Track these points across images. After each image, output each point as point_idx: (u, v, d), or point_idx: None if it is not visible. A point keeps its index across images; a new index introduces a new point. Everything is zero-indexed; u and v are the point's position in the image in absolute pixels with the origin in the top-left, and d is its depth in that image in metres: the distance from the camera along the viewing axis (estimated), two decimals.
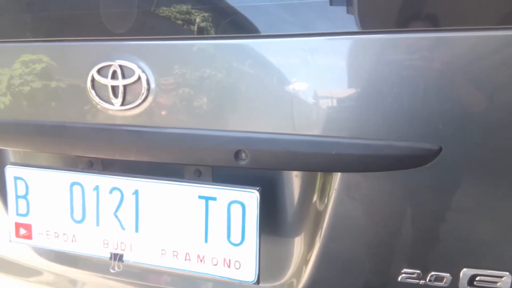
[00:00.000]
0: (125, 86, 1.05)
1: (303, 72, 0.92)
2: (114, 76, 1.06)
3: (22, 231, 1.23)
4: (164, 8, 1.04)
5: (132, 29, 1.05)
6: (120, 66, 1.04)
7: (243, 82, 0.96)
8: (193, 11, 1.01)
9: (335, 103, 0.90)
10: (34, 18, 1.20)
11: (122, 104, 1.06)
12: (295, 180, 1.05)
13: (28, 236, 1.23)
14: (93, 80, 1.08)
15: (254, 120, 0.96)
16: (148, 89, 1.03)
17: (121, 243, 1.10)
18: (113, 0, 1.07)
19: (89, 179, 1.12)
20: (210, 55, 1.00)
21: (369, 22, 0.90)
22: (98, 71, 1.07)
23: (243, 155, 0.97)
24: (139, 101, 1.04)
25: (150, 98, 1.04)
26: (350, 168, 0.90)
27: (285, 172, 1.05)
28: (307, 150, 0.91)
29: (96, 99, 1.08)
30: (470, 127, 0.85)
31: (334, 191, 0.94)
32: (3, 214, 1.33)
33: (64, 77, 1.13)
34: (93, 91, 1.08)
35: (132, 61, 1.04)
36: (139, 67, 1.03)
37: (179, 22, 1.02)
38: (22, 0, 1.20)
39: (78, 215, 1.15)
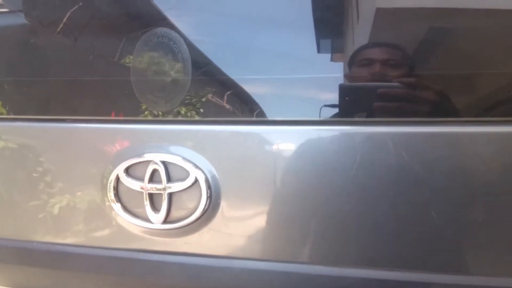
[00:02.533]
0: (171, 194, 0.67)
1: None
2: (153, 178, 0.68)
3: None
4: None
5: (186, 108, 0.68)
6: (164, 163, 0.67)
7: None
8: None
9: None
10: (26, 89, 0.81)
11: (166, 220, 0.67)
12: None
13: None
14: (117, 183, 0.69)
15: None
16: (210, 199, 0.65)
17: None
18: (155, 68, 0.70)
19: None
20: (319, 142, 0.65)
21: None
22: (127, 170, 0.69)
23: None
24: (195, 216, 0.66)
25: (213, 213, 0.66)
26: None
27: None
28: None
29: (122, 213, 0.69)
30: None
31: None
32: None
33: (70, 177, 0.73)
34: (116, 202, 0.69)
35: (183, 156, 0.66)
36: (195, 165, 0.66)
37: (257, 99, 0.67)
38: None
39: None
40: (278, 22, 0.77)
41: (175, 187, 0.67)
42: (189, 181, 0.66)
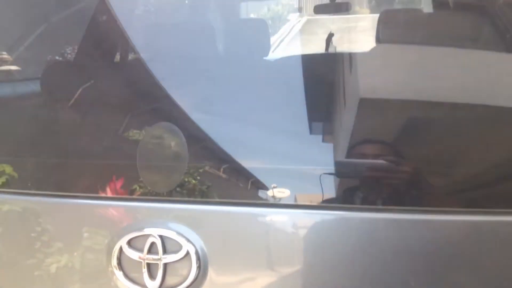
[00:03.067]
0: (166, 264, 0.78)
1: None
2: (151, 249, 0.79)
3: None
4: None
5: (181, 189, 0.81)
6: (161, 237, 0.78)
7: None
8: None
9: None
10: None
11: (161, 287, 0.78)
12: None
13: None
14: (120, 253, 0.80)
15: None
16: (199, 269, 0.77)
17: None
18: (154, 153, 0.84)
19: None
20: (292, 226, 0.77)
21: None
22: (129, 242, 0.80)
23: None
24: (186, 284, 0.77)
25: (202, 281, 0.77)
26: None
27: None
28: None
29: (123, 279, 0.80)
30: None
31: None
32: None
33: (78, 249, 0.85)
34: (119, 269, 0.80)
35: (177, 231, 0.78)
36: (188, 239, 0.77)
37: (243, 182, 0.80)
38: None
39: None
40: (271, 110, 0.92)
41: (170, 258, 0.78)
42: (181, 253, 0.77)
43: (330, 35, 2.31)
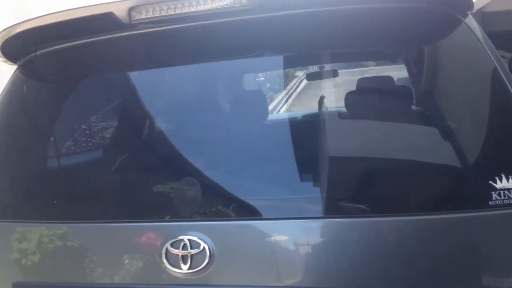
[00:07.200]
0: (192, 255, 1.41)
1: None
2: (184, 247, 1.42)
3: None
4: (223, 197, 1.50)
5: (199, 212, 1.47)
6: (189, 240, 1.42)
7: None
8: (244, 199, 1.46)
9: None
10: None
11: (189, 267, 1.41)
12: None
13: None
14: (166, 250, 1.44)
15: None
16: (210, 257, 1.40)
17: None
18: (183, 193, 1.52)
19: None
20: (263, 234, 1.42)
21: None
22: (171, 244, 1.44)
23: None
24: (203, 266, 1.39)
25: (212, 264, 1.40)
26: None
27: None
28: None
29: (168, 265, 1.43)
30: None
31: None
32: None
33: (142, 249, 1.50)
34: (165, 260, 1.43)
35: (198, 236, 1.42)
36: (204, 241, 1.41)
37: (236, 207, 1.46)
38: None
39: None
40: None
41: (194, 251, 1.41)
42: (200, 249, 1.40)
43: (322, 98, 2.80)
